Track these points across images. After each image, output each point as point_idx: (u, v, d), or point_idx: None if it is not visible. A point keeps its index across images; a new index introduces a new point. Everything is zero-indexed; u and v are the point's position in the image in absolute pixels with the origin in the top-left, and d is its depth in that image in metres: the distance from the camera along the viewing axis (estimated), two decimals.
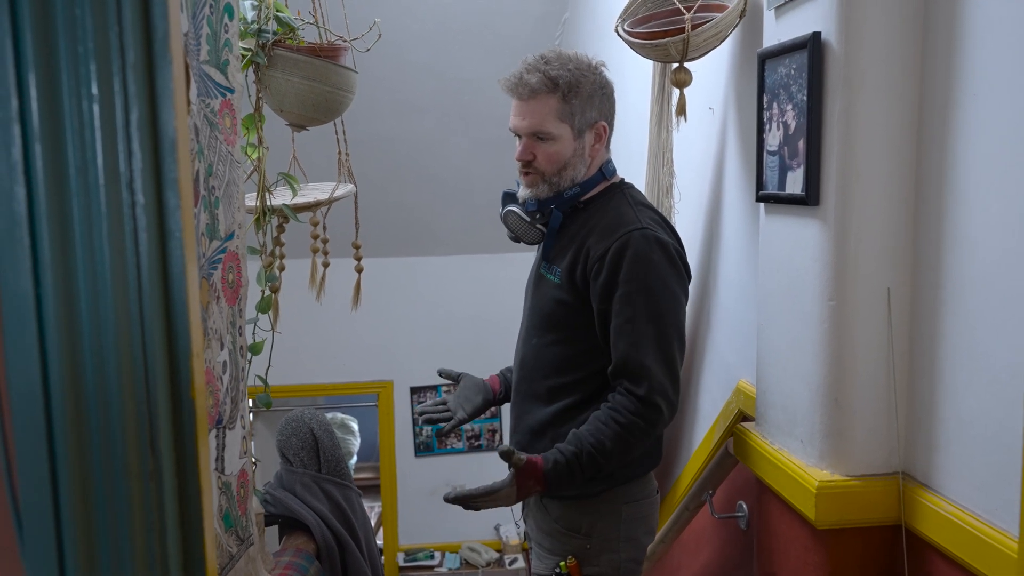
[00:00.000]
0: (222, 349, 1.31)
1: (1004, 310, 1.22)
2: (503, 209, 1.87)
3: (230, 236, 1.33)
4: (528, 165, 1.79)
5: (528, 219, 1.81)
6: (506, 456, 1.66)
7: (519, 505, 2.14)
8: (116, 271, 0.69)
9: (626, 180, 1.91)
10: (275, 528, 2.41)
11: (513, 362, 2.00)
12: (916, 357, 1.45)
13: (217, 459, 1.30)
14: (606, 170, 1.85)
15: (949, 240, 1.35)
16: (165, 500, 0.73)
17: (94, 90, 0.67)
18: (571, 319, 1.77)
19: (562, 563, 1.79)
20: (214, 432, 1.28)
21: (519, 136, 1.80)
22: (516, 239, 1.88)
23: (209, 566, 0.77)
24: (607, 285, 1.69)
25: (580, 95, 1.74)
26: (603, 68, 1.81)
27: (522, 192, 1.84)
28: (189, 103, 0.98)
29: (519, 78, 1.75)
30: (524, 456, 1.67)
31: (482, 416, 6.03)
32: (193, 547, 0.75)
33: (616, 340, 1.69)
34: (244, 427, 1.44)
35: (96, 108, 0.67)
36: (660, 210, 2.01)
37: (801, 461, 1.56)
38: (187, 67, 0.80)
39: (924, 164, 1.41)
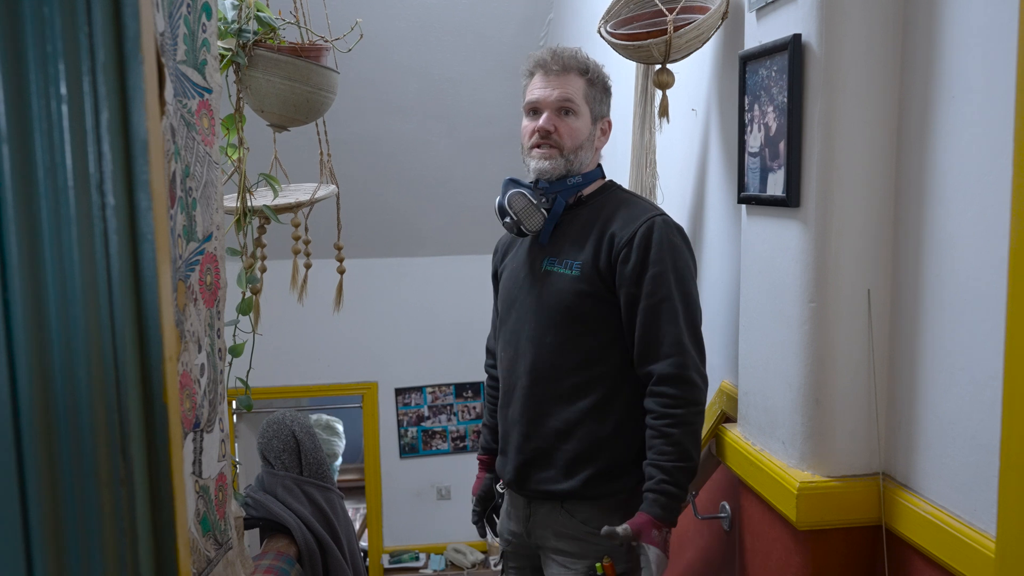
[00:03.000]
0: (200, 352, 1.29)
1: (983, 311, 1.23)
2: (506, 193, 1.81)
3: (208, 238, 1.31)
4: (548, 137, 1.77)
5: (535, 201, 1.78)
6: (611, 537, 1.65)
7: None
8: (86, 274, 0.68)
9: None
10: (256, 531, 2.39)
11: (510, 368, 1.88)
12: (896, 358, 1.45)
13: (194, 463, 1.29)
14: (602, 168, 1.89)
15: (929, 242, 1.35)
16: (137, 506, 0.71)
17: (63, 90, 0.66)
18: (594, 310, 1.75)
19: (598, 564, 1.74)
20: (191, 436, 1.27)
21: (536, 111, 1.79)
22: (516, 225, 1.81)
23: (183, 572, 0.76)
24: (637, 268, 1.69)
25: (599, 85, 1.82)
26: (603, 69, 1.86)
27: (537, 165, 1.79)
28: (165, 103, 0.97)
29: (550, 54, 1.79)
30: (627, 527, 1.65)
31: (467, 418, 5.97)
32: (166, 553, 0.74)
33: (651, 321, 1.68)
34: (223, 430, 1.43)
35: (65, 109, 0.66)
36: None
37: (782, 462, 1.56)
38: (162, 67, 0.79)
39: (904, 166, 1.42)
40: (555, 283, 1.78)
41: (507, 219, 1.82)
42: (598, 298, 1.74)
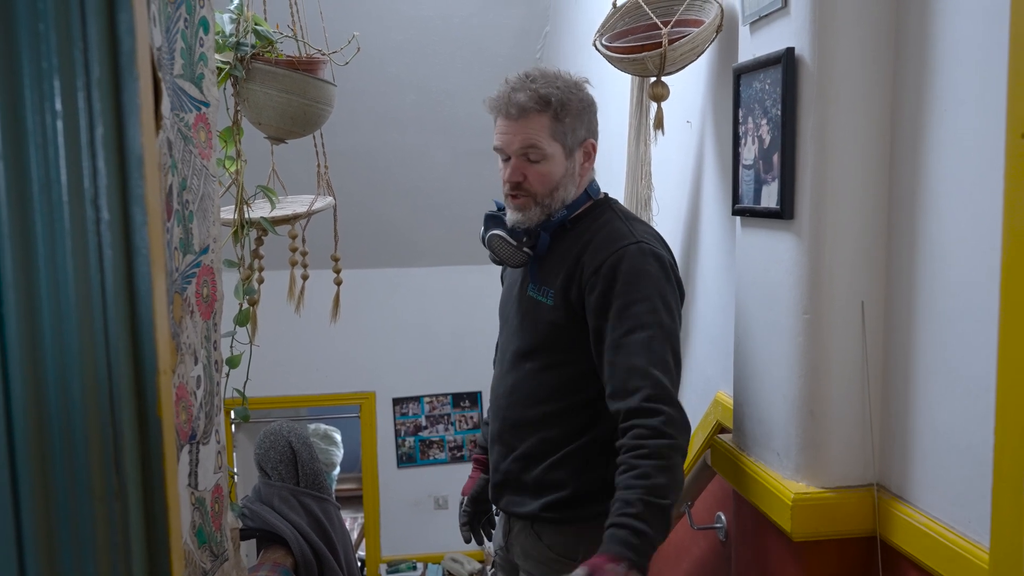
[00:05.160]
0: (196, 364, 1.30)
1: (976, 322, 1.24)
2: (485, 232, 1.75)
3: (204, 250, 1.32)
4: (518, 187, 1.68)
5: (515, 243, 1.71)
6: None
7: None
8: (80, 289, 0.68)
9: (610, 195, 1.84)
10: (253, 542, 2.39)
11: (495, 387, 1.89)
12: (890, 370, 1.46)
13: (190, 475, 1.29)
14: (591, 190, 1.77)
15: (922, 253, 1.36)
16: (130, 521, 0.72)
17: (58, 106, 0.66)
18: (568, 341, 1.69)
19: None
20: (187, 448, 1.27)
21: (505, 157, 1.70)
22: (499, 262, 1.79)
23: None
24: (602, 300, 1.61)
25: (570, 113, 1.66)
26: (586, 85, 1.74)
27: (511, 217, 1.71)
28: (161, 118, 0.97)
29: (507, 97, 1.65)
30: (582, 568, 1.43)
31: (464, 427, 5.95)
32: (160, 568, 0.75)
33: (615, 355, 1.58)
34: (219, 442, 1.43)
35: (60, 124, 0.66)
36: None
37: (777, 473, 1.57)
38: (159, 81, 0.79)
39: (897, 178, 1.42)
40: (533, 310, 1.74)
41: (490, 255, 1.78)
42: (571, 328, 1.67)
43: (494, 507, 1.95)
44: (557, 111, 1.65)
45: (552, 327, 1.70)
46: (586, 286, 1.64)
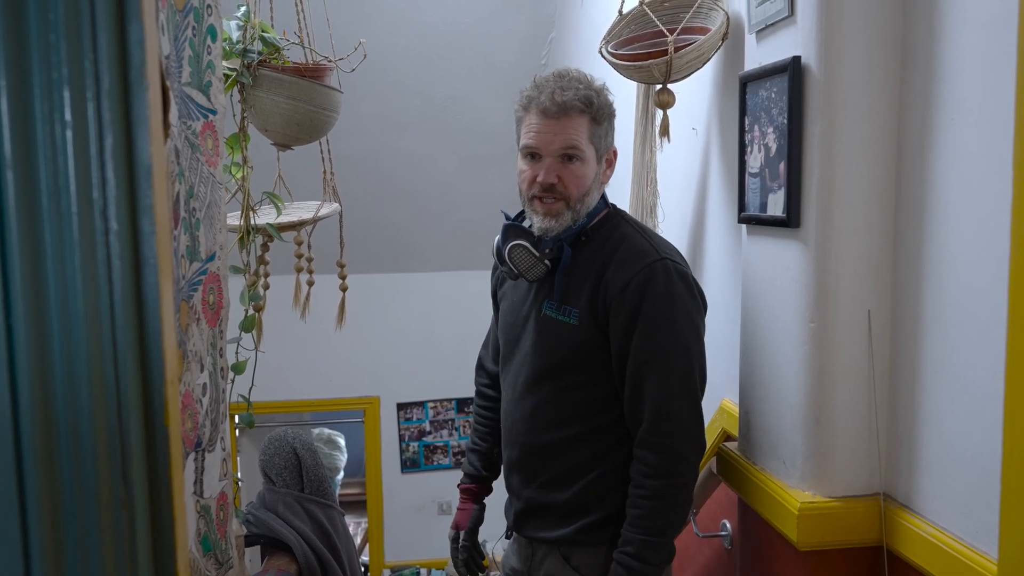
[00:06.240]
0: (202, 371, 1.30)
1: (982, 332, 1.23)
2: (507, 243, 1.65)
3: (211, 257, 1.32)
4: (551, 190, 1.60)
5: (537, 255, 1.62)
6: None
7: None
8: (89, 299, 0.68)
9: (616, 204, 1.80)
10: (257, 549, 2.39)
11: (510, 412, 1.78)
12: (896, 379, 1.45)
13: (196, 482, 1.29)
14: (605, 197, 1.74)
15: (929, 262, 1.36)
16: (137, 529, 0.72)
17: (68, 117, 0.67)
18: (593, 360, 1.63)
19: None
20: (193, 455, 1.27)
21: (536, 157, 1.62)
22: (516, 275, 1.69)
23: None
24: (628, 321, 1.57)
25: (604, 116, 1.64)
26: (607, 91, 1.68)
27: (541, 223, 1.63)
28: (169, 126, 0.97)
29: (550, 95, 1.58)
30: None
31: (469, 433, 5.96)
32: None
33: (638, 379, 1.57)
34: (224, 449, 1.43)
35: (69, 134, 0.67)
36: None
37: (783, 482, 1.56)
38: (167, 90, 0.80)
39: (903, 187, 1.42)
40: (554, 331, 1.66)
41: (505, 267, 1.70)
42: (598, 348, 1.62)
43: (512, 532, 1.86)
44: (596, 114, 1.61)
45: (578, 347, 1.64)
46: (611, 306, 1.59)
